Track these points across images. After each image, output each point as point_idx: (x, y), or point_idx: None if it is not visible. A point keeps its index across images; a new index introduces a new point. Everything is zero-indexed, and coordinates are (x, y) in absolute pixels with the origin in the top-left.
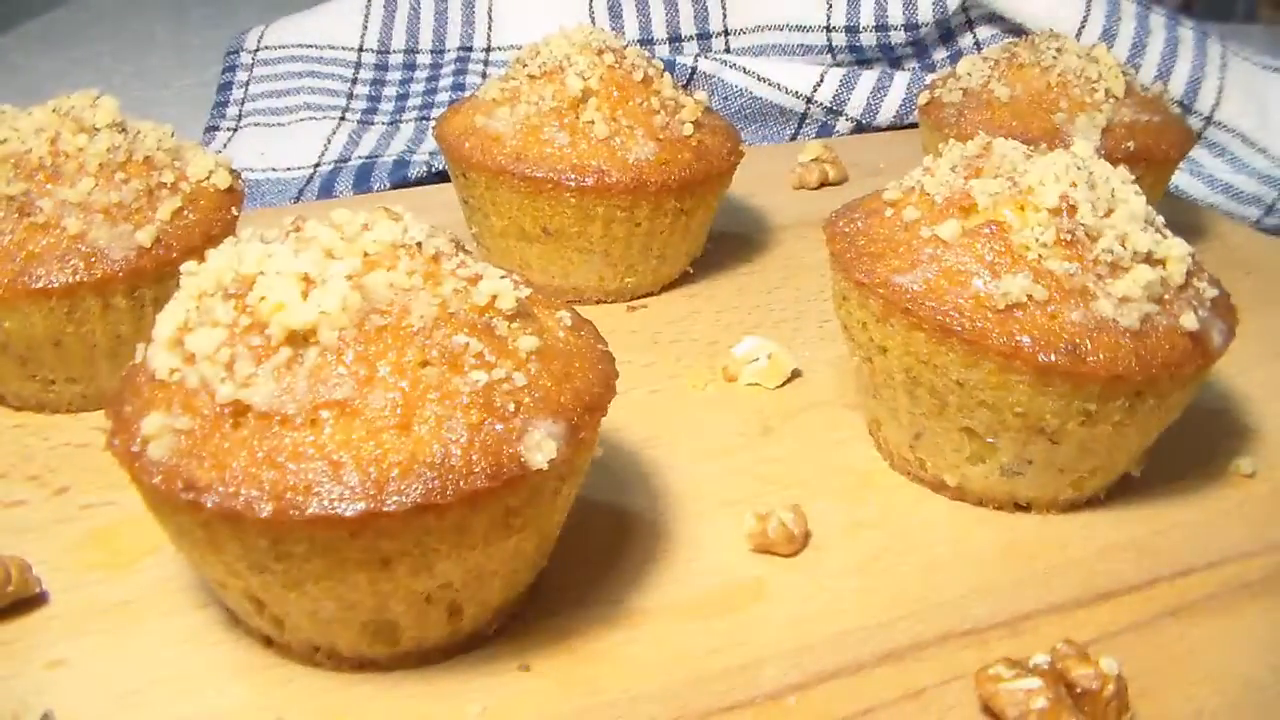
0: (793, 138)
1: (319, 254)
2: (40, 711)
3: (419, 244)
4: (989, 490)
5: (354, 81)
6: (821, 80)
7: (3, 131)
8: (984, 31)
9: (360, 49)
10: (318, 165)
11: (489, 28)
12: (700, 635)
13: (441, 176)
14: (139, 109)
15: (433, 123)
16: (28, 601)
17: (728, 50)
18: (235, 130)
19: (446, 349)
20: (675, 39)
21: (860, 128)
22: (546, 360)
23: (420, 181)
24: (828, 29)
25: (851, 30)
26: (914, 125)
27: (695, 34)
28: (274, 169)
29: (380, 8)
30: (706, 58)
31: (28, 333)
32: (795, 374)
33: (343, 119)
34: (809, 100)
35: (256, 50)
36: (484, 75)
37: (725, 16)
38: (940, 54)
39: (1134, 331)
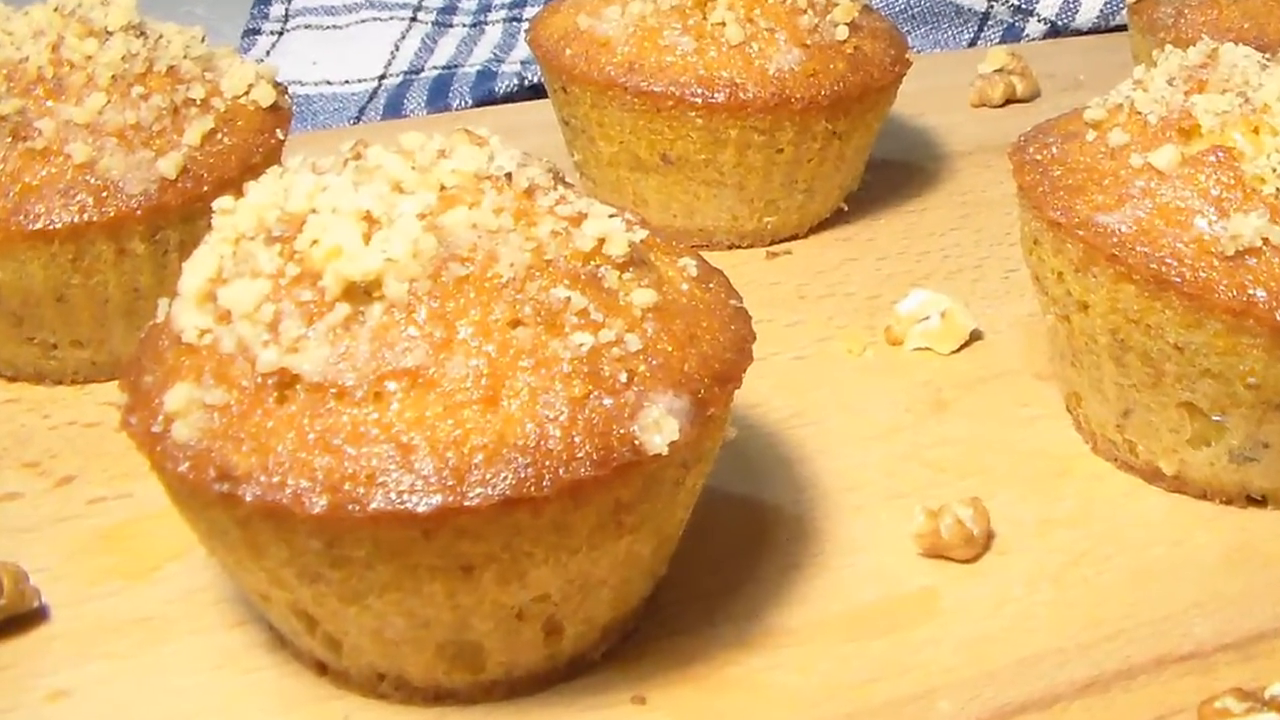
0: (972, 43)
1: (384, 187)
2: None
3: (508, 175)
4: (1215, 480)
5: None
6: None
7: None
8: None
9: None
10: (383, 77)
11: None
12: (857, 660)
13: (536, 91)
14: (161, 8)
15: (525, 24)
16: (24, 618)
17: None
18: (281, 34)
19: (542, 305)
20: None
21: (1055, 30)
22: (666, 319)
23: (510, 98)
24: None
25: None
26: (1122, 28)
27: None
28: (329, 82)
29: None
30: None
31: (24, 285)
32: (974, 336)
33: (414, 19)
34: None
35: None
36: None
37: None
38: None
39: None
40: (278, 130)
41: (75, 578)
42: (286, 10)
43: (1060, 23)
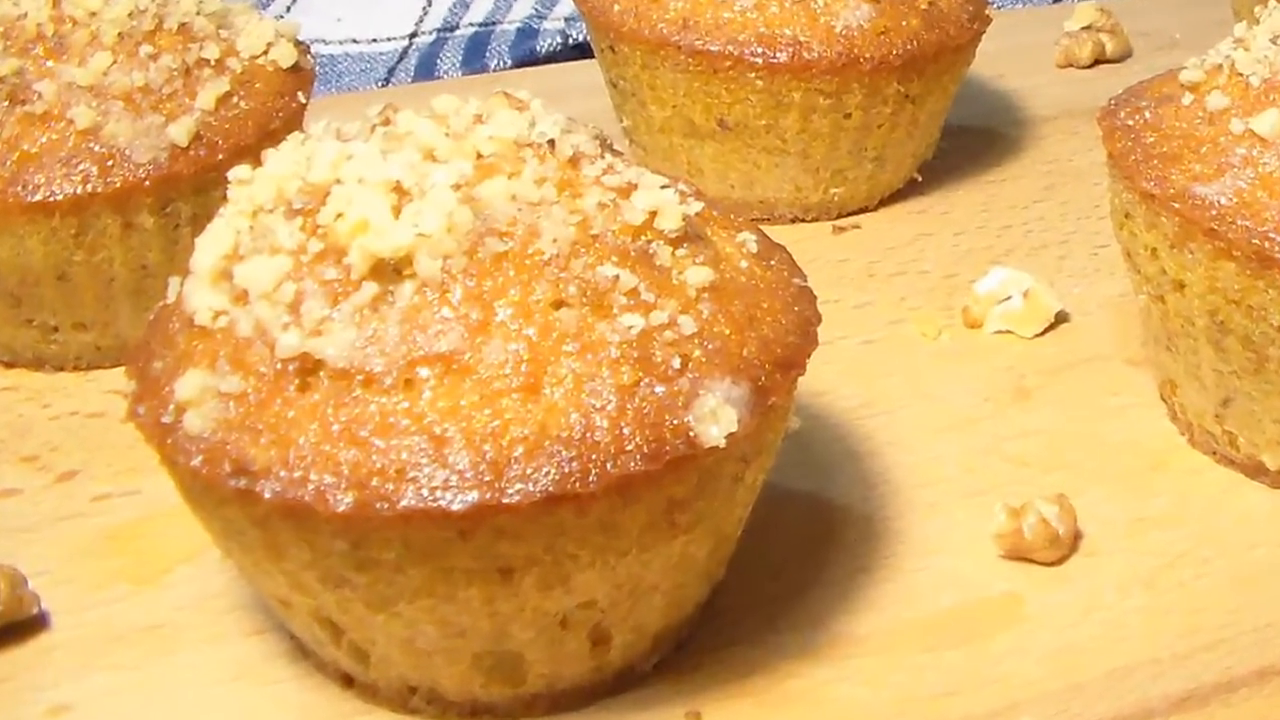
0: None
1: (416, 156)
2: None
3: (551, 142)
4: None
5: None
6: None
7: None
8: None
9: None
10: (414, 36)
11: None
12: (933, 671)
13: (581, 51)
14: None
15: None
16: (22, 626)
17: None
18: None
19: (588, 284)
20: None
21: None
22: (724, 300)
23: (552, 58)
24: None
25: None
26: None
27: None
28: (355, 40)
29: None
30: None
31: (22, 262)
32: (1060, 318)
33: None
34: None
35: None
36: None
37: None
38: None
39: None
40: (299, 93)
41: (78, 582)
42: None
43: None
